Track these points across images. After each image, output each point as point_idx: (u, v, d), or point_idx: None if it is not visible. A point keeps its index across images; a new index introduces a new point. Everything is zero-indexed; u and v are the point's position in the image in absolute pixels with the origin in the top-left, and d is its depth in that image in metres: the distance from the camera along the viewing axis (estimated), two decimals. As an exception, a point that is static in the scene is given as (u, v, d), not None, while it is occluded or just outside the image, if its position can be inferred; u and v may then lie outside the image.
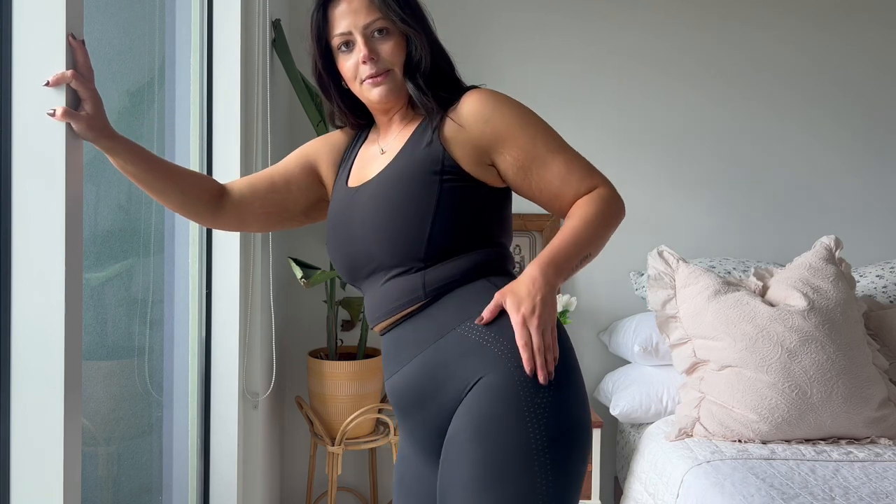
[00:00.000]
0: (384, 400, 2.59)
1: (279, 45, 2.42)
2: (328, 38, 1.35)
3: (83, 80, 1.17)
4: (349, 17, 1.31)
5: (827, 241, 2.50)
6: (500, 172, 1.31)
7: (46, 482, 1.13)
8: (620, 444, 2.77)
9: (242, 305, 2.12)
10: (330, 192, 1.48)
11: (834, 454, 2.16)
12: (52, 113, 1.13)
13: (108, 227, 1.71)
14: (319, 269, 2.36)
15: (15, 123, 1.14)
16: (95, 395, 1.66)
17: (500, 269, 1.32)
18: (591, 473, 2.51)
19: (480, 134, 1.28)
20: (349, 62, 1.33)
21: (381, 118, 1.40)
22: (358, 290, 1.40)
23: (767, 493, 1.88)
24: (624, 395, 2.58)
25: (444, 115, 1.30)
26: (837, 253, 2.48)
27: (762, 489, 1.90)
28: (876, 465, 2.09)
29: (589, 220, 1.27)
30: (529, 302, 1.19)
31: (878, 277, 2.75)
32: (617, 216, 1.31)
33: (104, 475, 1.72)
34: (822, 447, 2.21)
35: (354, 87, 1.35)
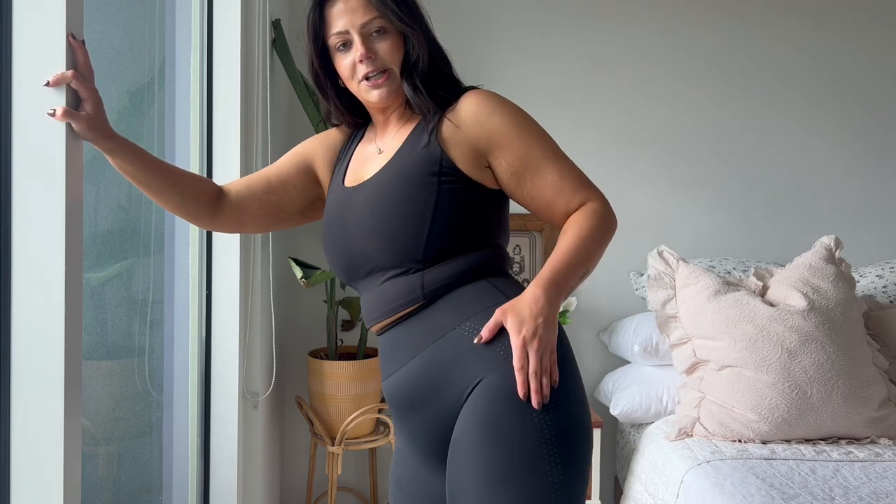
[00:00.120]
0: (384, 400, 2.58)
1: (279, 45, 2.42)
2: (325, 37, 1.34)
3: (83, 80, 1.16)
4: (346, 16, 1.30)
5: (827, 241, 2.50)
6: (495, 175, 1.31)
7: (46, 482, 1.13)
8: (620, 444, 2.77)
9: (242, 305, 2.12)
10: (326, 191, 1.47)
11: (834, 454, 2.16)
12: (52, 113, 1.13)
13: (108, 227, 1.71)
14: (319, 269, 2.35)
15: (15, 123, 1.14)
16: (95, 395, 1.66)
17: (498, 269, 1.32)
18: (591, 473, 2.50)
19: (477, 136, 1.28)
20: (346, 61, 1.32)
21: (378, 117, 1.40)
22: (354, 289, 1.39)
23: (767, 493, 1.88)
24: (624, 395, 2.58)
25: (442, 115, 1.30)
26: (837, 253, 2.48)
27: (762, 489, 1.90)
28: (876, 465, 2.09)
29: (584, 236, 1.26)
30: (531, 324, 1.18)
31: (878, 277, 2.75)
32: (610, 231, 1.30)
33: (104, 475, 1.71)
34: (822, 447, 2.21)
35: (352, 86, 1.35)
